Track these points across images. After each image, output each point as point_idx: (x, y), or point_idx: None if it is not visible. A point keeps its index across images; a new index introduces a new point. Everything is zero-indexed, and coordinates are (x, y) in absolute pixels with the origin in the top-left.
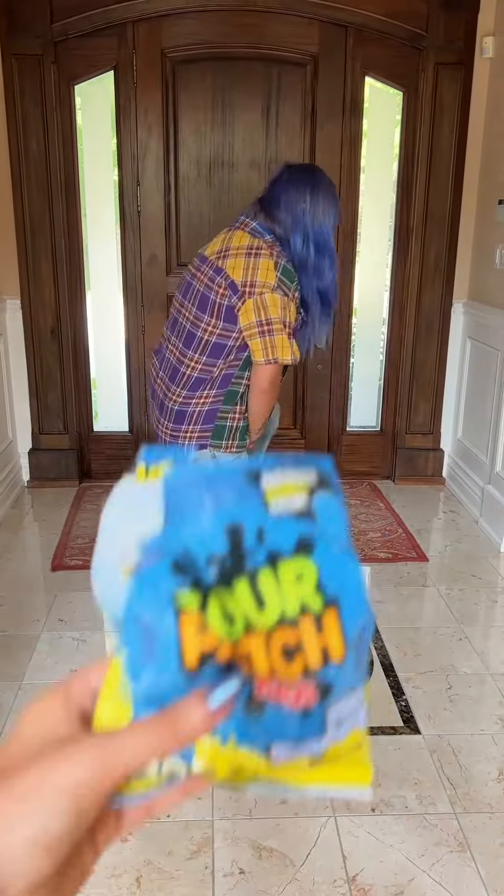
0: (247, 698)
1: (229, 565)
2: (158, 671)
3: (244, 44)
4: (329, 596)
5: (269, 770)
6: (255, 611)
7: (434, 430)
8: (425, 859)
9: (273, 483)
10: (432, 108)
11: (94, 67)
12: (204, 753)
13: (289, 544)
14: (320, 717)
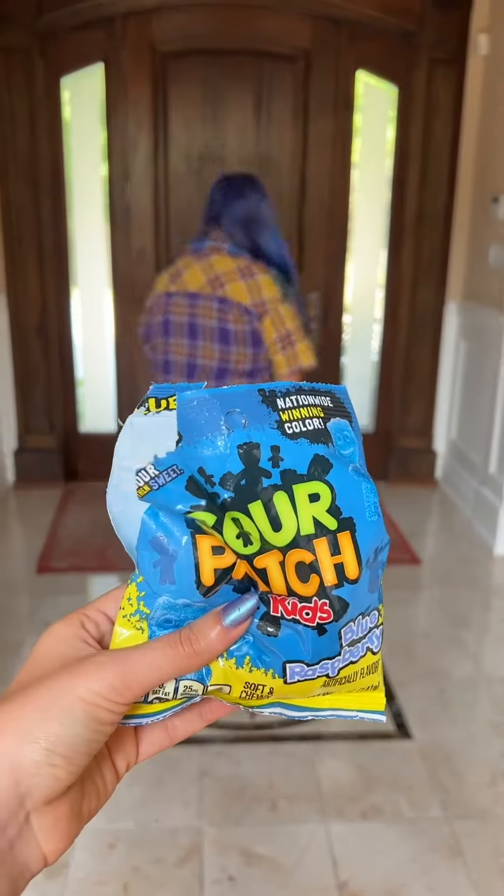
0: (262, 617)
1: (244, 485)
2: (175, 591)
3: (235, 38)
4: (343, 517)
5: (285, 691)
6: (270, 531)
7: (427, 431)
8: (417, 865)
9: (288, 405)
10: (426, 105)
11: (82, 61)
12: (220, 675)
13: (304, 465)
14: (335, 635)
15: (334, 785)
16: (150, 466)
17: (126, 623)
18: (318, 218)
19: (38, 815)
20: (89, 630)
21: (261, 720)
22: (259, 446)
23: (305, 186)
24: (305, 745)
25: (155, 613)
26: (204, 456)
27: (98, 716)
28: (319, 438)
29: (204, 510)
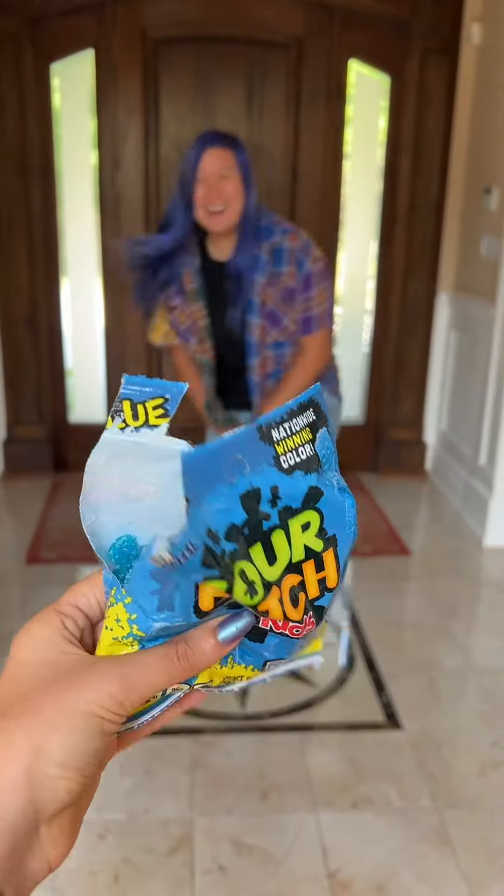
0: (251, 629)
1: (247, 534)
2: (171, 616)
3: (227, 25)
4: (328, 535)
5: (256, 675)
6: (266, 567)
7: (418, 423)
8: (406, 854)
9: (282, 435)
10: (418, 95)
11: (72, 47)
12: (205, 675)
13: (298, 499)
14: (314, 634)
15: (324, 775)
16: (165, 553)
17: (116, 645)
18: (309, 208)
19: (47, 826)
20: (70, 629)
21: (251, 710)
22: (259, 490)
23: (297, 176)
24: (295, 736)
25: (149, 635)
26: (209, 513)
27: (104, 727)
28: (311, 467)
29: (217, 579)
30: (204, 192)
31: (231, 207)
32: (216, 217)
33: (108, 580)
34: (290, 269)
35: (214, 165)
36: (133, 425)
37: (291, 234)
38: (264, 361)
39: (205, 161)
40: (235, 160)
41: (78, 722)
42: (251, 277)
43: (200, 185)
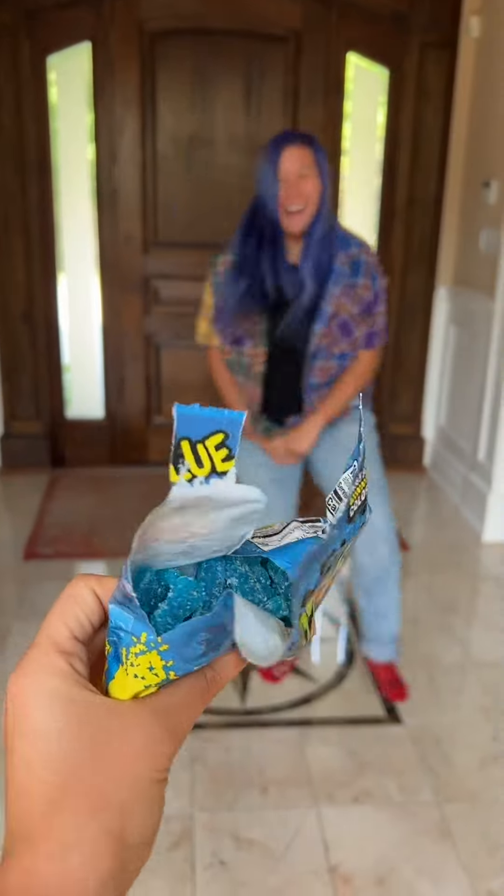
0: None
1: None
2: (213, 655)
3: (225, 18)
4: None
5: None
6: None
7: (416, 418)
8: (407, 848)
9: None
10: (417, 89)
11: (68, 39)
12: None
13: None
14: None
15: (324, 770)
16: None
17: (147, 691)
18: None
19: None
20: (79, 669)
21: (251, 705)
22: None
23: None
24: (295, 731)
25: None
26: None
27: (163, 785)
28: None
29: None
30: (284, 192)
31: (310, 206)
32: (295, 217)
33: (128, 623)
34: (365, 282)
35: (294, 164)
36: (200, 475)
37: (367, 248)
38: (325, 370)
39: (284, 159)
40: (314, 158)
41: (149, 796)
42: (325, 286)
43: (281, 185)
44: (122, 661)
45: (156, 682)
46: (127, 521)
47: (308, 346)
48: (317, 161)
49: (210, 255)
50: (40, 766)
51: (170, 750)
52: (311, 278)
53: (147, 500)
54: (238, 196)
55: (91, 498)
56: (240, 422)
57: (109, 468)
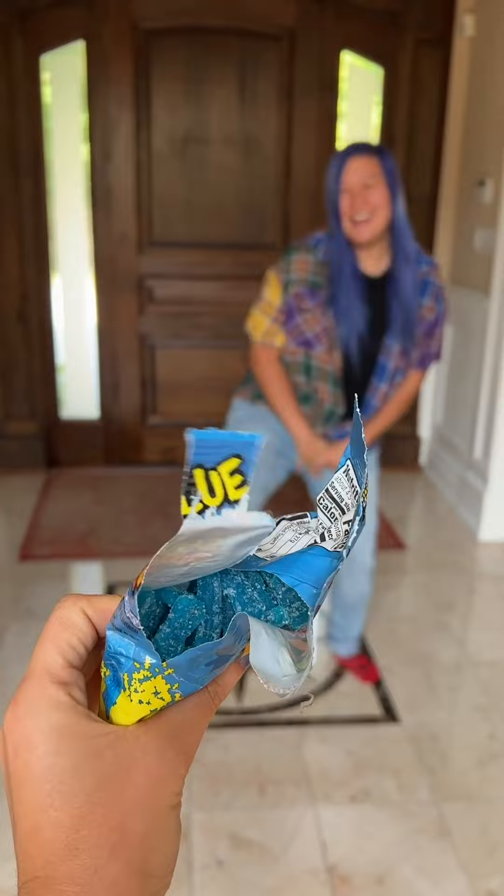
0: None
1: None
2: (215, 673)
3: (219, 16)
4: None
5: None
6: None
7: (412, 417)
8: (405, 847)
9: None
10: (412, 87)
11: (62, 37)
12: None
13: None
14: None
15: (322, 769)
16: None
17: (152, 714)
18: (303, 201)
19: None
20: (79, 699)
21: (248, 705)
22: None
23: (290, 169)
24: (293, 730)
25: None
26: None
27: (179, 809)
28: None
29: None
30: (348, 203)
31: (378, 216)
32: (361, 226)
33: (129, 649)
34: (430, 304)
35: (357, 174)
36: (212, 504)
37: (436, 269)
38: (389, 387)
39: (348, 171)
40: (380, 167)
41: (167, 824)
42: (416, 299)
43: (345, 196)
44: (125, 687)
45: (161, 706)
46: (122, 521)
47: (379, 360)
48: (384, 170)
49: (206, 253)
50: (53, 809)
51: (183, 771)
52: (397, 334)
53: (142, 499)
54: (233, 194)
55: (86, 498)
56: (257, 445)
57: (104, 468)
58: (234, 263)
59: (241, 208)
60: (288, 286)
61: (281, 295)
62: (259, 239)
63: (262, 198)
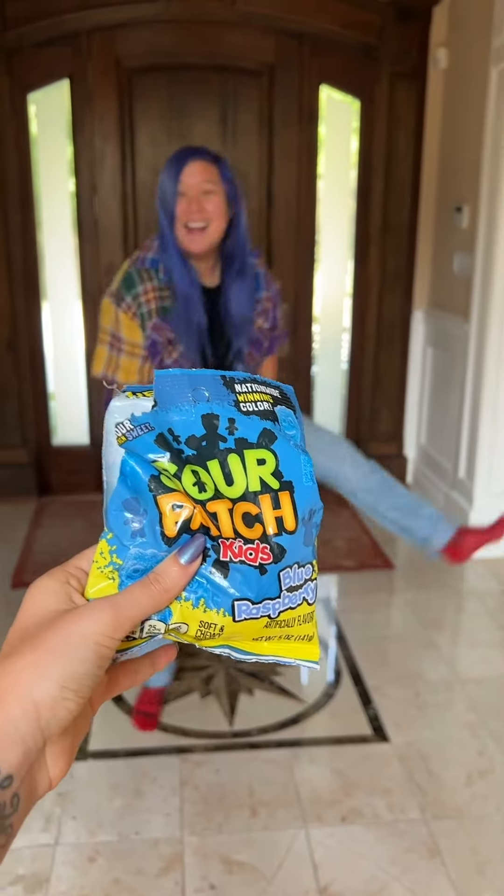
0: (213, 563)
1: (205, 446)
2: (144, 544)
3: (200, 54)
4: (284, 480)
5: (233, 629)
6: (224, 485)
7: (397, 437)
8: (396, 866)
9: (244, 390)
10: (388, 118)
11: (48, 77)
12: (178, 614)
13: (254, 435)
14: (275, 577)
15: (313, 790)
16: (126, 422)
17: (100, 574)
18: (285, 229)
19: (51, 745)
20: (73, 585)
21: (239, 727)
22: (218, 417)
23: (272, 198)
24: (284, 752)
25: (126, 564)
26: (173, 420)
27: (100, 652)
28: (268, 417)
29: (168, 461)
30: (185, 207)
31: (213, 226)
32: (195, 235)
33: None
34: (266, 294)
35: (196, 178)
36: (133, 397)
37: (259, 258)
38: None
39: (186, 173)
40: (219, 175)
41: (75, 647)
42: (251, 311)
43: (181, 200)
44: (96, 559)
45: (104, 565)
46: None
47: (238, 367)
48: (223, 178)
49: None
50: (16, 628)
51: (112, 621)
52: (238, 339)
53: None
54: None
55: (78, 524)
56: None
57: (96, 494)
58: None
59: None
60: (144, 321)
61: (141, 333)
62: None
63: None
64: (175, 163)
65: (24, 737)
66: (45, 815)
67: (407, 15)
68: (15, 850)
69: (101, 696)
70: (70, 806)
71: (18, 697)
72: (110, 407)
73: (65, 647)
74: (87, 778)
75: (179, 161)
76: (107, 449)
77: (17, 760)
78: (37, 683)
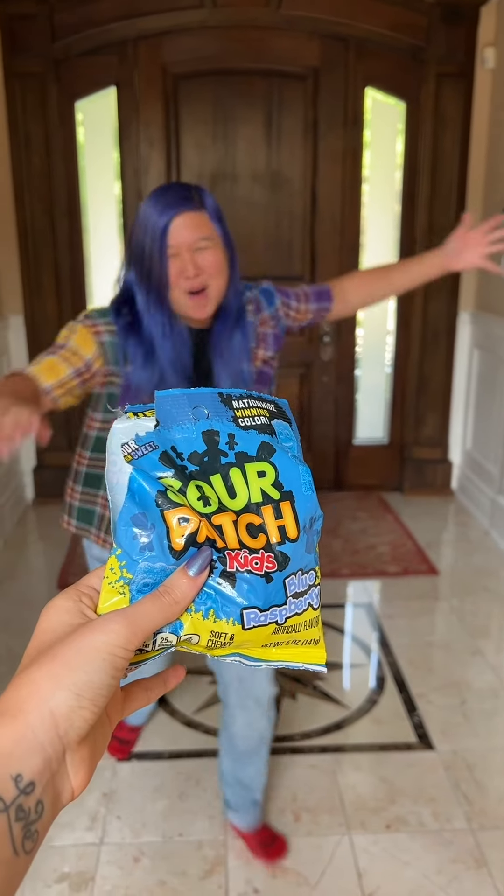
0: (221, 574)
1: (207, 461)
2: (153, 558)
3: (244, 59)
4: (285, 490)
5: (243, 637)
6: (227, 498)
7: (442, 442)
8: (442, 876)
9: (241, 406)
10: (434, 119)
11: (95, 85)
12: (190, 626)
13: (253, 449)
14: (280, 584)
15: (357, 797)
16: (132, 441)
17: (111, 590)
18: (329, 233)
19: (70, 754)
20: (86, 603)
21: (282, 732)
22: (218, 433)
23: (316, 202)
24: (327, 757)
25: (136, 578)
26: (176, 438)
27: (114, 663)
28: (265, 430)
29: (172, 477)
30: (178, 269)
31: (214, 284)
32: (200, 300)
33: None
34: (263, 316)
35: (187, 235)
36: (135, 418)
37: (254, 285)
38: None
39: (174, 232)
40: (210, 221)
41: (90, 659)
42: (245, 353)
43: (174, 261)
44: (106, 575)
45: (114, 580)
46: None
47: None
48: (214, 222)
49: None
50: (33, 644)
51: (126, 632)
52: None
53: None
54: (261, 228)
55: None
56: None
57: None
58: None
59: (269, 241)
60: (105, 351)
61: (94, 349)
62: (287, 271)
63: (290, 231)
64: (158, 218)
65: (44, 745)
66: (91, 814)
67: (454, 15)
68: (61, 849)
69: (118, 711)
70: (114, 806)
71: (37, 707)
72: (113, 429)
73: (80, 659)
74: (131, 779)
75: (163, 216)
76: (110, 469)
77: (39, 767)
78: (54, 693)
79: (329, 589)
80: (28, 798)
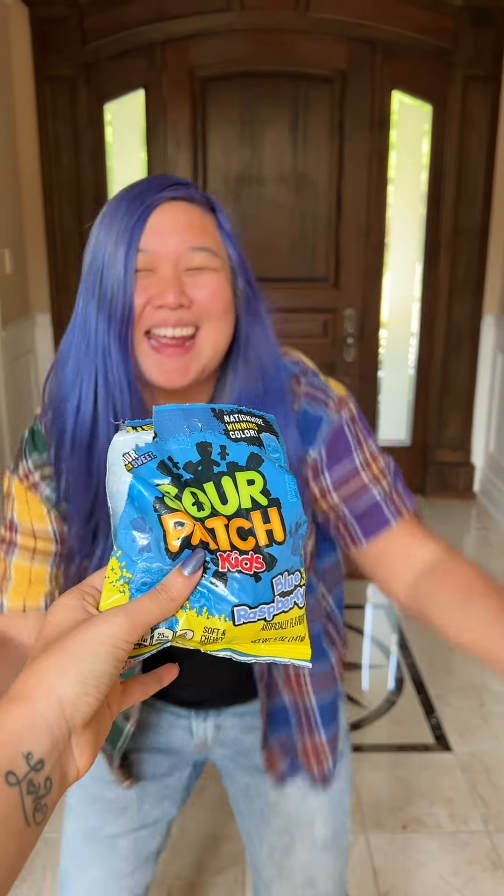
0: (213, 574)
1: (201, 470)
2: (151, 558)
3: (271, 61)
4: (272, 497)
5: (234, 633)
6: (219, 504)
7: (465, 445)
8: (458, 877)
9: (232, 420)
10: (461, 122)
11: (124, 87)
12: (185, 622)
13: (243, 459)
14: (268, 584)
15: (374, 796)
16: (132, 451)
17: (112, 588)
18: (354, 234)
19: (76, 737)
20: (88, 601)
21: None
22: (211, 445)
23: (342, 204)
24: None
25: (135, 577)
26: (172, 449)
27: (116, 654)
28: (254, 442)
29: (169, 484)
30: (151, 292)
31: (210, 330)
32: (173, 354)
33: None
34: (314, 454)
35: (174, 234)
36: (134, 432)
37: (307, 375)
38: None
39: (153, 226)
40: (215, 230)
41: (94, 650)
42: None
43: (144, 279)
44: (107, 575)
45: (115, 579)
46: None
47: None
48: (222, 235)
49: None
50: (41, 639)
51: (127, 625)
52: None
53: None
54: (286, 230)
55: None
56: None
57: None
58: (286, 297)
59: (294, 243)
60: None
61: (51, 518)
62: (311, 273)
63: (314, 233)
64: (127, 209)
65: (52, 727)
66: None
67: (482, 18)
68: None
69: (119, 702)
70: None
71: (45, 693)
72: (113, 442)
73: (84, 650)
74: None
75: (136, 204)
76: (110, 479)
77: (48, 747)
78: (60, 681)
79: (349, 590)
80: (38, 774)
